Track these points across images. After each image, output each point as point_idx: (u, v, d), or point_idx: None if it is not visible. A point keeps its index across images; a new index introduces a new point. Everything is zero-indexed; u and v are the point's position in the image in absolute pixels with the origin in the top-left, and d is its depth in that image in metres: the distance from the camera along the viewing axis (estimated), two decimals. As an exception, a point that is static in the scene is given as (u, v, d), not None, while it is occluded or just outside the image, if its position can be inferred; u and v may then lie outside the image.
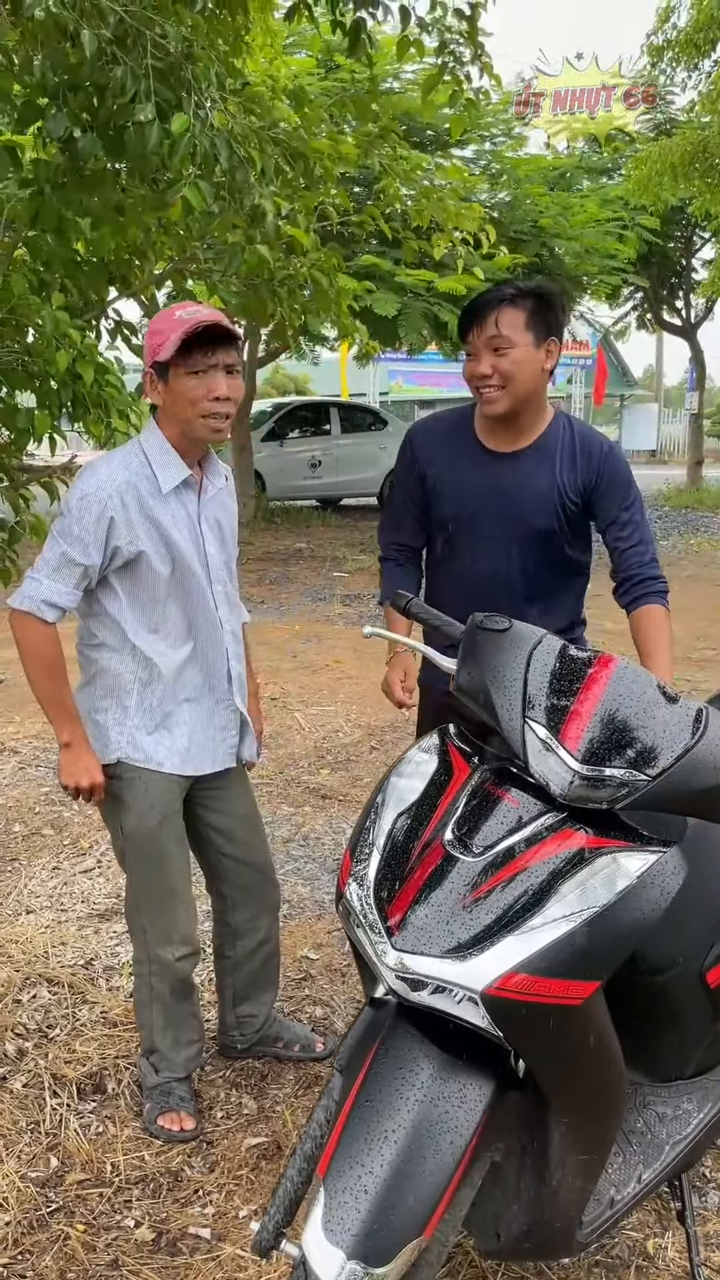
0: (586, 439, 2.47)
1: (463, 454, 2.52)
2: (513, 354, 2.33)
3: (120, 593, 2.30)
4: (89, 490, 2.22)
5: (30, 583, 2.25)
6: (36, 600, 2.23)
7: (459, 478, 2.51)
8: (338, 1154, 1.50)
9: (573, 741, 1.62)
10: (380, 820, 1.74)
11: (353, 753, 5.28)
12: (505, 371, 2.35)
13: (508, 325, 2.33)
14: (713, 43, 11.49)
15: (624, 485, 2.46)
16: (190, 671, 2.39)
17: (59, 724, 2.33)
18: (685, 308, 21.05)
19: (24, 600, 2.24)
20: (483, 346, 2.36)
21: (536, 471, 2.45)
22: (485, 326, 2.35)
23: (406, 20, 3.50)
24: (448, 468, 2.53)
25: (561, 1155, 1.66)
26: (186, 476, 2.32)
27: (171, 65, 2.58)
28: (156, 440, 2.30)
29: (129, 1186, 2.32)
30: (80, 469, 2.32)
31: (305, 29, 9.17)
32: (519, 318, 2.33)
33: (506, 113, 13.83)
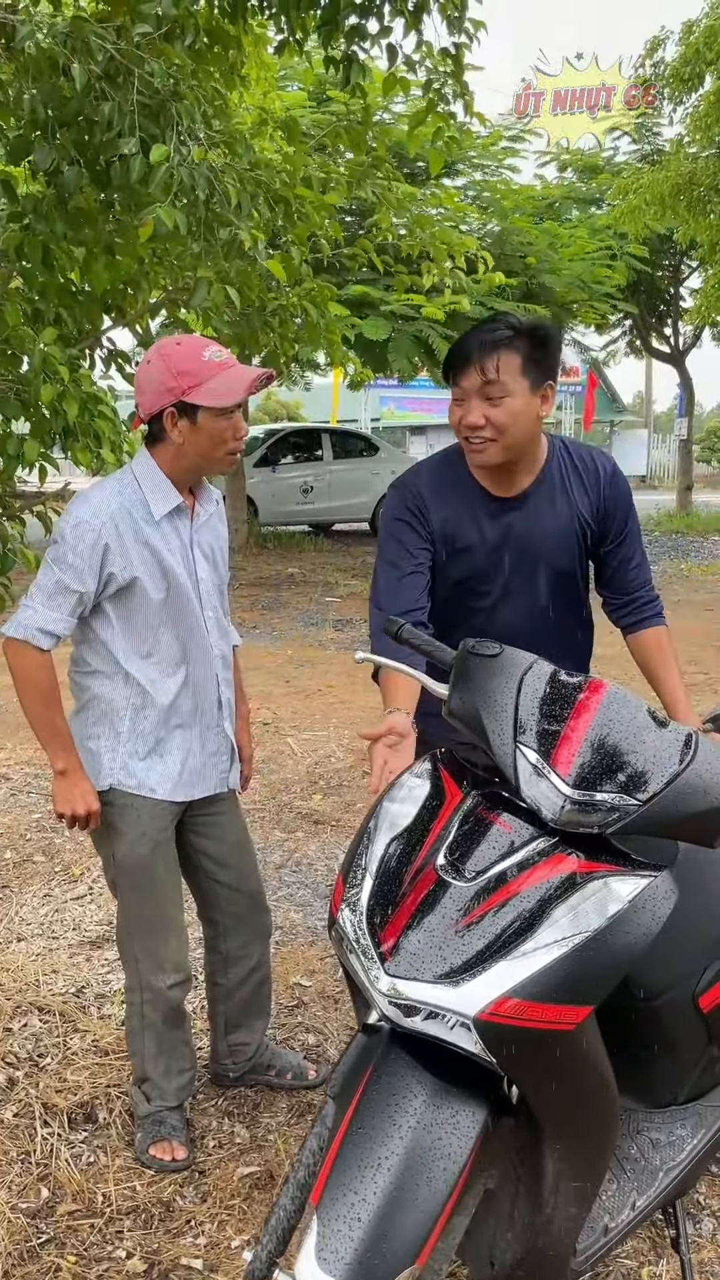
0: (585, 461, 2.34)
1: (465, 507, 2.28)
2: (508, 404, 2.11)
3: (113, 619, 2.31)
4: (83, 517, 2.24)
5: (25, 610, 2.26)
6: (32, 628, 2.24)
7: (474, 535, 2.29)
8: (331, 1181, 1.49)
9: (564, 766, 1.63)
10: (373, 845, 1.74)
11: (345, 778, 5.28)
12: (499, 423, 2.12)
13: (504, 371, 2.09)
14: (699, 77, 11.66)
15: (626, 505, 2.38)
16: (182, 697, 2.40)
17: (54, 752, 2.33)
18: (674, 335, 21.24)
19: (19, 628, 2.25)
20: (474, 393, 2.13)
21: (550, 509, 2.30)
22: (478, 371, 2.10)
23: (394, 58, 3.57)
24: (459, 525, 2.28)
25: (555, 1182, 1.65)
26: (179, 503, 2.34)
27: (159, 103, 2.63)
28: (149, 468, 2.32)
29: (120, 1217, 2.30)
30: (73, 496, 2.34)
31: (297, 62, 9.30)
32: (514, 362, 2.10)
33: (496, 146, 13.99)
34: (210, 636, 2.44)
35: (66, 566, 2.23)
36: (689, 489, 21.81)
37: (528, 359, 2.12)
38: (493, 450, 2.17)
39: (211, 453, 2.30)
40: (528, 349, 2.12)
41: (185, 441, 2.27)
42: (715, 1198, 2.36)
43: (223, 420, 2.26)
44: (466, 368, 2.13)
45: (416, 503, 2.29)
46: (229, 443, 2.30)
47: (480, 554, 2.31)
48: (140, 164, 2.55)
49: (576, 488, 2.33)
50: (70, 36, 2.52)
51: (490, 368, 2.09)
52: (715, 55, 10.98)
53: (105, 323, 3.62)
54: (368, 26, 3.60)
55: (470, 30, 3.59)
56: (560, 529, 2.32)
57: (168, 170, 2.54)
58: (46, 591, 2.25)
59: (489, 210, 13.24)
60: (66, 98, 2.64)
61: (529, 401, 2.14)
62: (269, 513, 16.02)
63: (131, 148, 2.54)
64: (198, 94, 2.77)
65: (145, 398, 2.26)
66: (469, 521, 2.29)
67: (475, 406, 2.13)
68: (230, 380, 2.23)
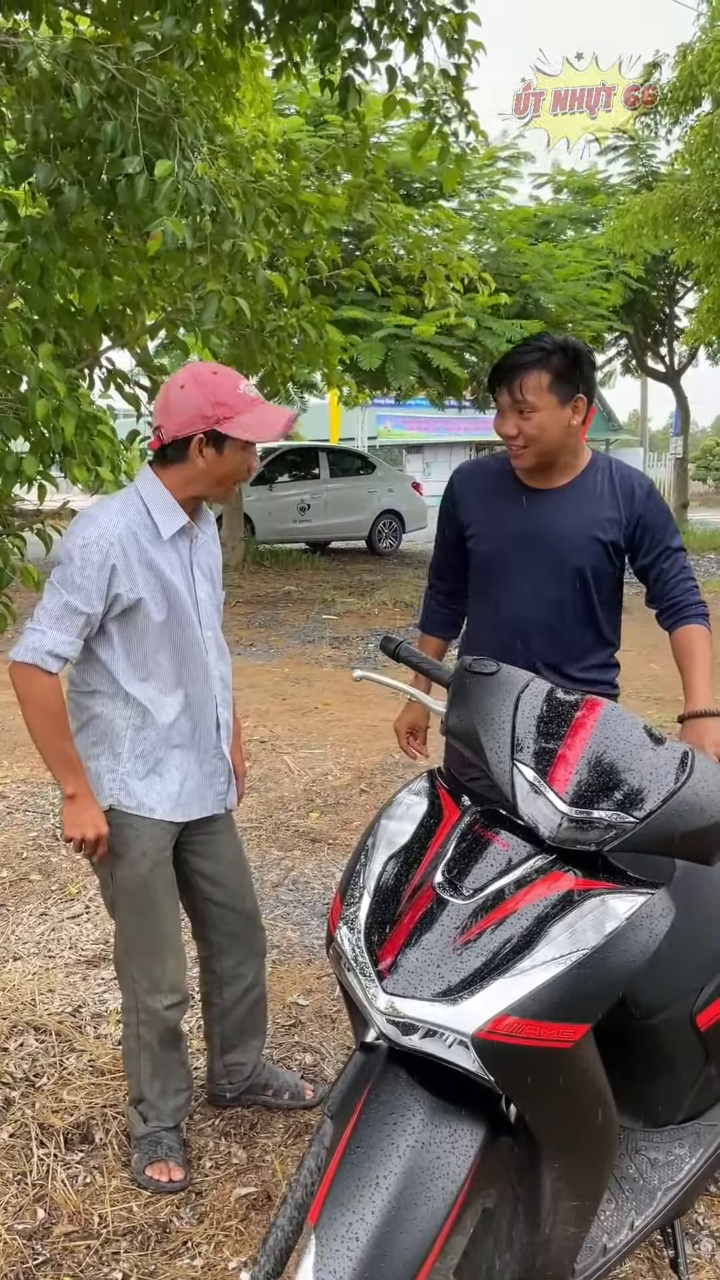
0: (626, 479, 2.51)
1: (501, 492, 2.56)
2: (536, 418, 2.37)
3: (115, 640, 2.31)
4: (90, 538, 2.24)
5: (32, 634, 2.24)
6: (41, 652, 2.23)
7: (497, 516, 2.55)
8: (329, 1201, 1.49)
9: (561, 784, 1.64)
10: (370, 863, 1.75)
11: (342, 795, 5.27)
12: (529, 434, 2.39)
13: (531, 390, 2.36)
14: (694, 100, 11.78)
15: (664, 523, 2.51)
16: (182, 718, 2.40)
17: (63, 776, 2.32)
18: (669, 354, 21.39)
19: (28, 653, 2.23)
20: (508, 408, 2.41)
21: (576, 510, 2.49)
22: (511, 389, 2.38)
23: (393, 80, 3.60)
24: (486, 507, 2.58)
25: (553, 1201, 1.65)
26: (185, 524, 2.36)
27: (162, 121, 2.66)
28: (156, 489, 2.33)
29: (117, 1238, 2.29)
30: (76, 516, 2.34)
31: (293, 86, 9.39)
32: (544, 380, 2.36)
33: (492, 166, 14.11)
34: (209, 656, 2.45)
35: (74, 588, 2.22)
36: (685, 507, 21.92)
37: (556, 376, 2.37)
38: (527, 455, 2.45)
39: (225, 481, 2.35)
40: (557, 367, 2.37)
41: (208, 468, 2.31)
42: (714, 1217, 2.35)
43: (245, 453, 2.33)
44: (500, 387, 2.42)
45: (450, 491, 2.68)
46: (242, 474, 2.36)
47: (500, 535, 2.54)
48: (145, 182, 2.57)
49: (608, 498, 2.49)
50: (72, 58, 2.55)
51: (518, 388, 2.38)
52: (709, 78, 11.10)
53: (104, 343, 3.64)
54: (366, 50, 3.64)
55: (469, 51, 3.63)
56: (581, 529, 2.47)
57: (173, 185, 2.57)
58: (53, 614, 2.24)
59: (485, 230, 13.34)
60: (68, 118, 2.67)
61: (558, 414, 2.39)
62: (266, 530, 16.05)
63: (136, 166, 2.56)
64: (199, 110, 2.80)
65: (174, 420, 2.27)
66: (495, 504, 2.57)
67: (509, 419, 2.42)
68: (265, 417, 2.29)
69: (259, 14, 3.59)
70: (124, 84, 2.59)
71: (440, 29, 3.49)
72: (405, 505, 17.88)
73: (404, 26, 3.47)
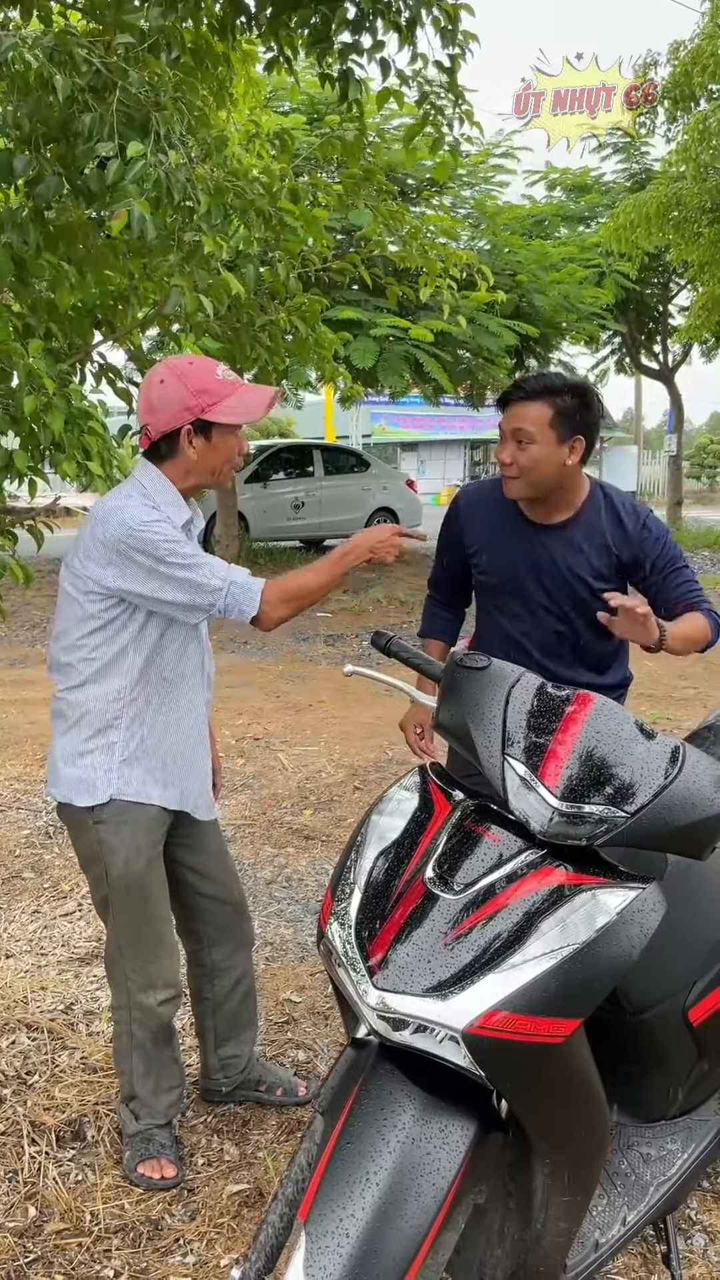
0: (622, 509, 2.52)
1: (504, 524, 2.57)
2: (531, 450, 2.38)
3: (129, 628, 2.29)
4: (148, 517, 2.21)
5: (227, 589, 2.22)
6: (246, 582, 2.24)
7: (501, 549, 2.57)
8: (319, 1197, 1.48)
9: (551, 779, 1.64)
10: (361, 859, 1.74)
11: (336, 793, 5.27)
12: (522, 465, 2.40)
13: (532, 420, 2.36)
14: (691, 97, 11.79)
15: (663, 546, 2.51)
16: (177, 710, 2.40)
17: (345, 564, 2.36)
18: (663, 352, 21.38)
19: (249, 593, 2.23)
20: (509, 435, 2.42)
21: (577, 547, 2.49)
22: (512, 417, 2.40)
23: (387, 72, 3.59)
24: (492, 538, 2.59)
25: (545, 1197, 1.65)
26: (190, 516, 2.37)
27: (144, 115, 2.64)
28: (161, 483, 2.32)
29: (109, 1236, 2.28)
30: (96, 511, 2.28)
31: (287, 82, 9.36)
32: (545, 414, 2.36)
33: (486, 163, 14.10)
34: (204, 652, 2.46)
35: (173, 536, 2.19)
36: (679, 504, 21.91)
37: (559, 413, 2.36)
38: (517, 485, 2.45)
39: (219, 468, 2.35)
40: (562, 405, 2.36)
41: (200, 458, 2.31)
42: (706, 1212, 2.35)
43: (232, 438, 2.33)
44: (505, 412, 2.43)
45: (454, 512, 2.69)
46: (235, 459, 2.36)
47: (504, 568, 2.57)
48: (118, 167, 2.56)
49: (608, 533, 2.49)
50: (55, 50, 2.54)
51: (518, 416, 2.39)
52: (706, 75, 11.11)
53: (95, 338, 3.62)
54: (361, 42, 3.62)
55: (463, 43, 3.62)
56: (582, 564, 2.49)
57: (144, 167, 2.55)
58: (192, 556, 2.21)
59: (480, 228, 13.34)
60: (52, 112, 2.66)
61: (554, 451, 2.39)
62: (260, 528, 16.02)
63: (109, 150, 2.55)
64: (179, 105, 2.78)
65: (159, 416, 2.27)
66: (499, 536, 2.57)
67: (507, 446, 2.43)
68: (247, 397, 2.30)
69: (250, 7, 3.58)
70: (108, 78, 2.58)
71: (434, 20, 3.47)
72: (400, 503, 17.86)
73: (397, 18, 3.45)
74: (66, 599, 2.33)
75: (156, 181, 2.58)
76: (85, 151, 2.64)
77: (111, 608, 2.27)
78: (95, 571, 2.24)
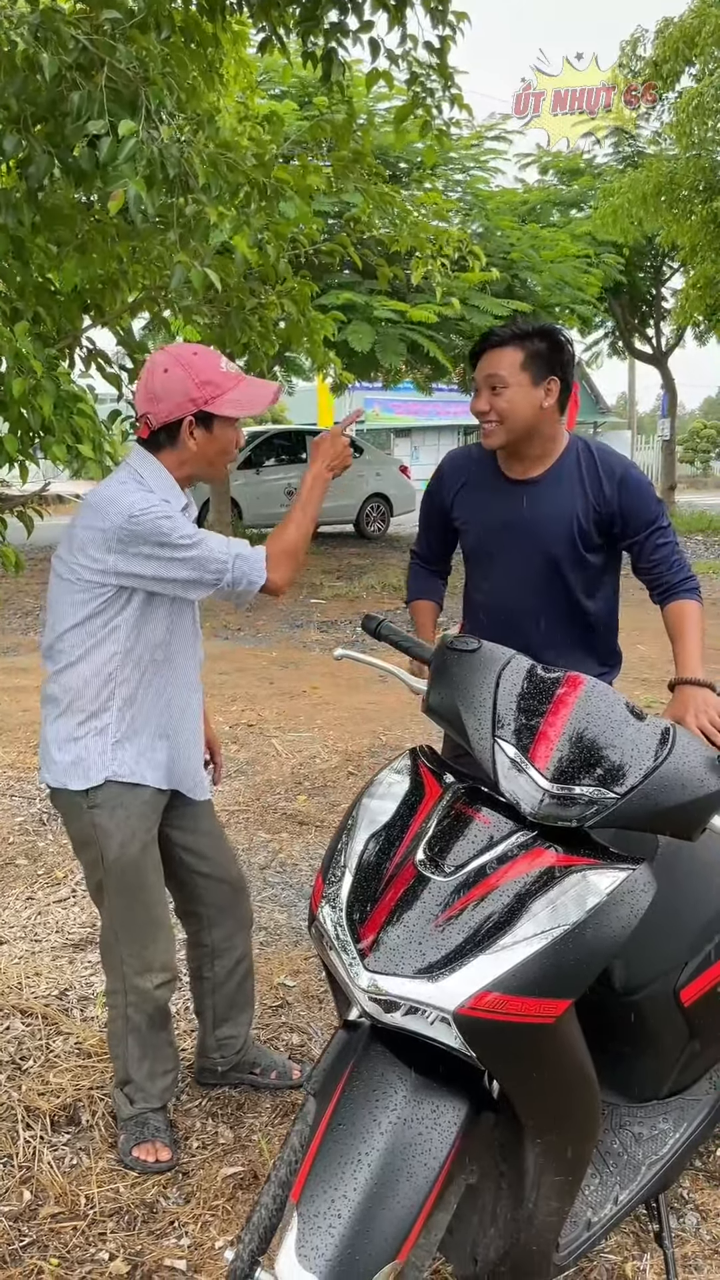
0: (605, 462, 2.51)
1: (484, 483, 2.60)
2: (507, 393, 2.40)
3: (126, 612, 2.28)
4: (146, 503, 2.21)
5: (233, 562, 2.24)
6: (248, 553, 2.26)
7: (480, 507, 2.59)
8: (311, 1178, 1.49)
9: (542, 760, 1.64)
10: (352, 842, 1.74)
11: (330, 778, 5.27)
12: (500, 410, 2.41)
13: (505, 366, 2.39)
14: (677, 75, 11.74)
15: (647, 501, 2.51)
16: (170, 693, 2.40)
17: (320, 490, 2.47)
18: (656, 336, 21.35)
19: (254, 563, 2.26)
20: (483, 383, 2.44)
21: (553, 498, 2.50)
22: (485, 365, 2.43)
23: (376, 53, 3.56)
24: (471, 497, 2.62)
25: (537, 1177, 1.65)
26: (187, 503, 2.37)
27: (132, 91, 2.62)
28: (157, 471, 2.31)
29: (103, 1219, 2.29)
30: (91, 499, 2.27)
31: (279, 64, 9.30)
32: (516, 357, 2.39)
33: (478, 146, 14.03)
34: (196, 638, 2.47)
35: (173, 516, 2.19)
36: (672, 489, 21.93)
37: (530, 356, 2.40)
38: (498, 432, 2.46)
39: (216, 460, 2.36)
40: (532, 348, 2.40)
41: (199, 449, 2.31)
42: (698, 1192, 2.36)
43: (231, 430, 2.33)
44: (477, 363, 2.47)
45: (438, 475, 2.72)
46: (231, 451, 2.37)
47: (483, 527, 2.59)
48: (110, 145, 2.54)
49: (588, 484, 2.50)
50: (41, 28, 2.51)
51: (494, 362, 2.42)
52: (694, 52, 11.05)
53: (85, 322, 3.60)
54: (349, 23, 3.59)
55: (454, 22, 3.59)
56: (560, 517, 2.49)
57: (136, 144, 2.54)
58: (196, 534, 2.22)
59: (472, 211, 13.28)
60: (39, 91, 2.63)
61: (529, 393, 2.41)
62: (254, 515, 15.99)
63: (100, 128, 2.53)
64: (169, 81, 2.75)
65: (163, 405, 2.25)
66: (479, 496, 2.60)
67: (483, 395, 2.45)
68: (250, 391, 2.31)
69: (239, -13, 3.55)
70: (95, 55, 2.56)
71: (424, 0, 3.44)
72: (393, 489, 17.83)
73: (387, -2, 3.42)
74: (59, 586, 2.32)
75: (150, 159, 2.56)
76: (75, 130, 2.62)
77: (103, 593, 2.25)
78: (95, 558, 2.22)
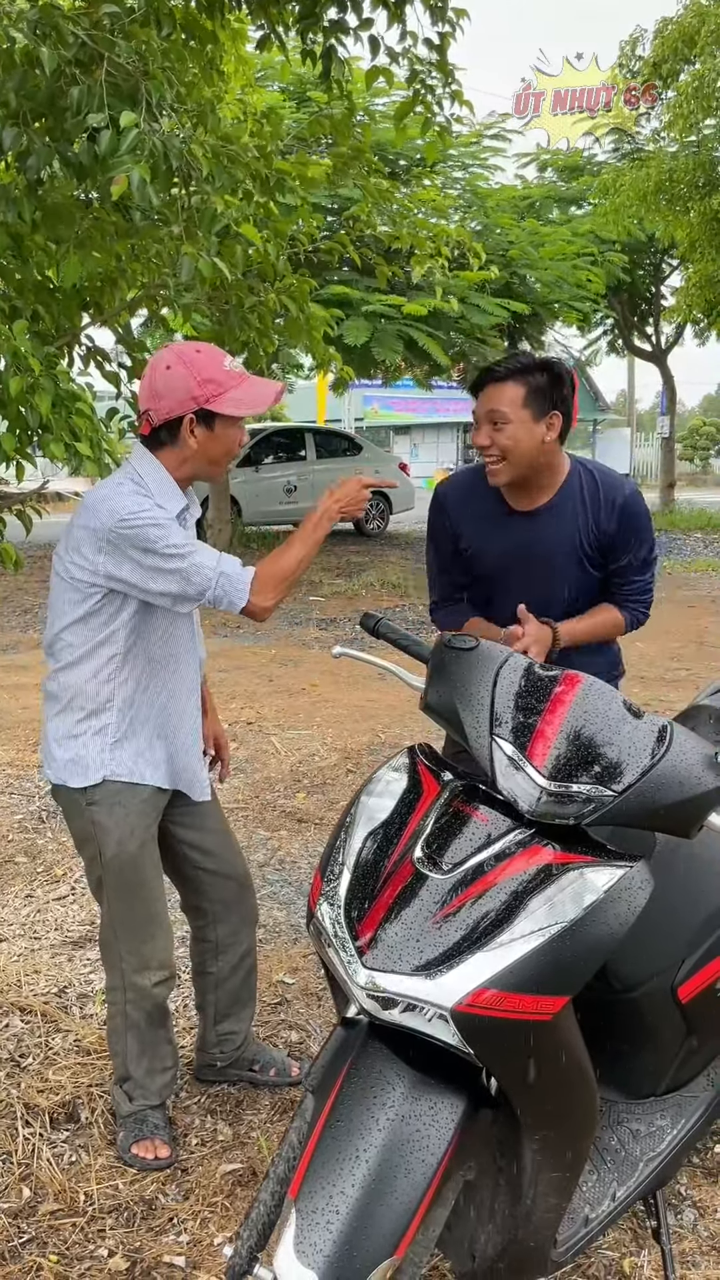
0: (607, 486, 2.50)
1: (486, 515, 2.56)
2: (508, 430, 2.37)
3: (125, 612, 2.28)
4: (137, 506, 2.20)
5: (218, 580, 2.21)
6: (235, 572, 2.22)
7: (486, 539, 2.56)
8: (309, 1175, 1.49)
9: (539, 758, 1.64)
10: (350, 839, 1.75)
11: (329, 776, 5.28)
12: (503, 446, 2.39)
13: (506, 401, 2.36)
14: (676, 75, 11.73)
15: (639, 532, 2.50)
16: (168, 693, 2.40)
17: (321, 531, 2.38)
18: (655, 334, 21.34)
19: (239, 584, 2.22)
20: (484, 418, 2.41)
21: (558, 528, 2.48)
22: (486, 399, 2.40)
23: (376, 50, 3.56)
24: (475, 530, 2.57)
25: (535, 1173, 1.66)
26: (185, 505, 2.36)
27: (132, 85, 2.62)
28: (157, 471, 2.31)
29: (103, 1216, 2.30)
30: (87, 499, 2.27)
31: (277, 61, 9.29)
32: (518, 393, 2.36)
33: (478, 143, 14.02)
34: (196, 639, 2.46)
35: (163, 524, 2.18)
36: (671, 486, 21.94)
37: (532, 391, 2.36)
38: (502, 469, 2.43)
39: (218, 459, 2.34)
40: (534, 383, 2.37)
41: (200, 448, 2.29)
42: (696, 1188, 2.37)
43: (234, 429, 2.32)
44: (478, 397, 2.43)
45: (438, 507, 2.65)
46: (234, 451, 2.36)
47: (491, 559, 2.55)
48: (111, 138, 2.54)
49: (591, 510, 2.48)
50: (41, 24, 2.52)
51: (492, 398, 2.38)
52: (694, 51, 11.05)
53: (84, 320, 3.60)
54: (348, 20, 3.59)
55: (453, 19, 3.58)
56: (566, 544, 2.49)
57: (137, 135, 2.53)
58: (187, 545, 2.19)
59: (472, 209, 13.27)
60: (38, 86, 2.63)
61: (531, 429, 2.38)
62: (253, 512, 15.99)
63: (100, 121, 2.53)
64: (168, 75, 2.75)
65: (164, 402, 2.25)
66: (483, 528, 2.56)
67: (483, 430, 2.42)
68: (253, 390, 2.29)
69: (239, -16, 3.55)
70: (94, 50, 2.56)
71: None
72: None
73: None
74: (58, 584, 2.32)
75: (152, 150, 2.56)
76: (75, 124, 2.62)
77: (95, 593, 2.26)
78: (88, 558, 2.23)
